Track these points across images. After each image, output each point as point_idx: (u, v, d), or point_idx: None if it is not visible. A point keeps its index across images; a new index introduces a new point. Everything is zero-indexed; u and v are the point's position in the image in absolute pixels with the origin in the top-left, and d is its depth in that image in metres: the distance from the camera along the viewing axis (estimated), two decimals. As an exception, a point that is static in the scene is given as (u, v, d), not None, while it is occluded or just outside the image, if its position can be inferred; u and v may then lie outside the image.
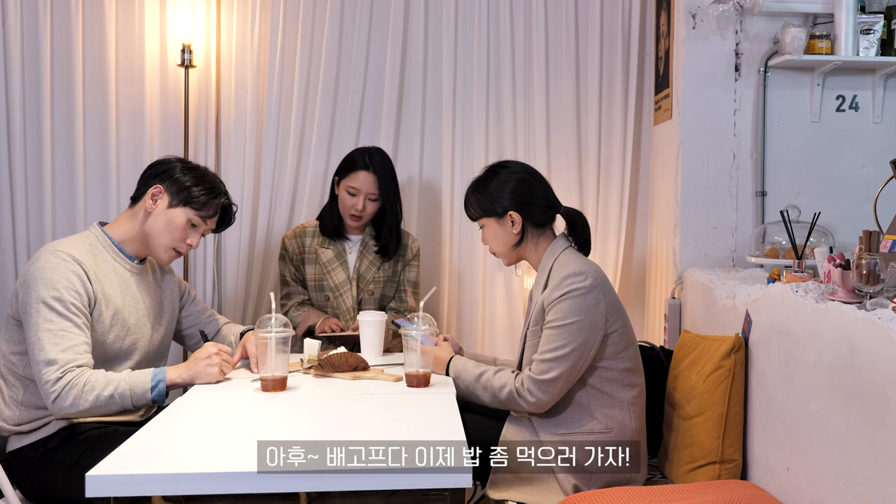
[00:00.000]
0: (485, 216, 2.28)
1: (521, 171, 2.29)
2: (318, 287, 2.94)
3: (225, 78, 3.35)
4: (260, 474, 1.51)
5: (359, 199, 2.85)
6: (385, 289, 2.98)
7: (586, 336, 2.10)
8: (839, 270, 1.90)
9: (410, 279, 3.02)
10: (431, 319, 2.22)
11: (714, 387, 2.19)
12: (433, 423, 1.85)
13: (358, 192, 2.85)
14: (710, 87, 2.93)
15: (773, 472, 2.02)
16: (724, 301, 2.44)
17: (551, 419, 2.16)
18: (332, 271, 2.93)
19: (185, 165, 2.28)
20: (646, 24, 3.40)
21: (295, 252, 2.97)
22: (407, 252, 3.01)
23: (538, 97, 3.39)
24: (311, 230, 2.98)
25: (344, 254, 2.95)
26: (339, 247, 2.96)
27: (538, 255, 2.27)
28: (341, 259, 2.94)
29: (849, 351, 1.64)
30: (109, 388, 2.04)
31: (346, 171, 2.88)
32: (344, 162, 2.92)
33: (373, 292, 2.95)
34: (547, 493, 2.11)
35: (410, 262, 3.02)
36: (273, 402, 2.03)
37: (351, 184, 2.86)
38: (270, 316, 2.11)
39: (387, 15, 3.36)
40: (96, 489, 1.49)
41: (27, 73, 3.25)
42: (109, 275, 2.19)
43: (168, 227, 2.23)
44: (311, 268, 2.95)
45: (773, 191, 2.94)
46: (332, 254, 2.94)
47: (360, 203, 2.85)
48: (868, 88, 2.93)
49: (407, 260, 3.01)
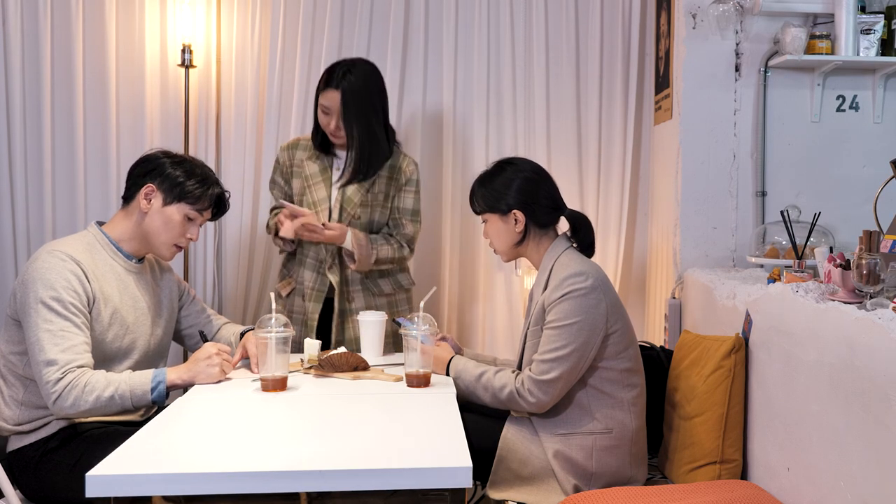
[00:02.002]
0: (489, 211, 2.28)
1: (529, 169, 2.29)
2: (300, 202, 2.77)
3: (225, 78, 3.36)
4: (260, 474, 1.51)
5: (331, 118, 2.68)
6: (375, 214, 2.76)
7: (587, 336, 2.10)
8: (839, 270, 1.90)
9: (406, 206, 2.80)
10: (431, 319, 2.22)
11: (714, 387, 2.19)
12: (433, 423, 1.85)
13: (329, 111, 2.68)
14: (711, 87, 2.93)
15: (774, 472, 2.02)
16: (725, 301, 2.44)
17: (551, 419, 2.16)
18: (313, 186, 2.77)
19: (173, 160, 2.26)
20: (646, 24, 3.40)
21: (286, 164, 2.83)
22: (400, 176, 2.78)
23: (538, 97, 3.39)
24: (305, 143, 2.83)
25: (329, 170, 2.78)
26: (326, 162, 2.79)
27: (539, 255, 2.27)
28: (325, 174, 2.77)
29: (849, 351, 1.64)
30: (110, 389, 2.04)
31: (320, 87, 2.71)
32: (322, 74, 2.74)
33: (359, 217, 2.73)
34: (547, 493, 2.11)
35: (405, 186, 2.79)
36: (273, 402, 2.03)
37: (322, 101, 2.69)
38: (270, 316, 2.11)
39: (387, 15, 3.36)
40: (96, 489, 1.49)
41: (27, 73, 3.25)
42: (107, 274, 2.19)
43: (166, 225, 2.23)
44: (297, 181, 2.80)
45: (773, 191, 2.94)
46: (316, 168, 2.78)
47: (332, 122, 2.68)
48: (868, 88, 2.93)
49: (400, 184, 2.78)
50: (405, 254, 2.80)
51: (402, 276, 2.88)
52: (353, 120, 2.67)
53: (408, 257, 2.84)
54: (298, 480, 1.53)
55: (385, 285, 2.82)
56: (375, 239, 2.74)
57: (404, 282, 2.88)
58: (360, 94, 2.66)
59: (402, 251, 2.78)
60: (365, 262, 2.70)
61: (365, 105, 2.68)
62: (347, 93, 2.64)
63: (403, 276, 2.89)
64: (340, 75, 2.66)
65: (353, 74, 2.67)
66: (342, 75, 2.66)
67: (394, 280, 2.85)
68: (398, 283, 2.86)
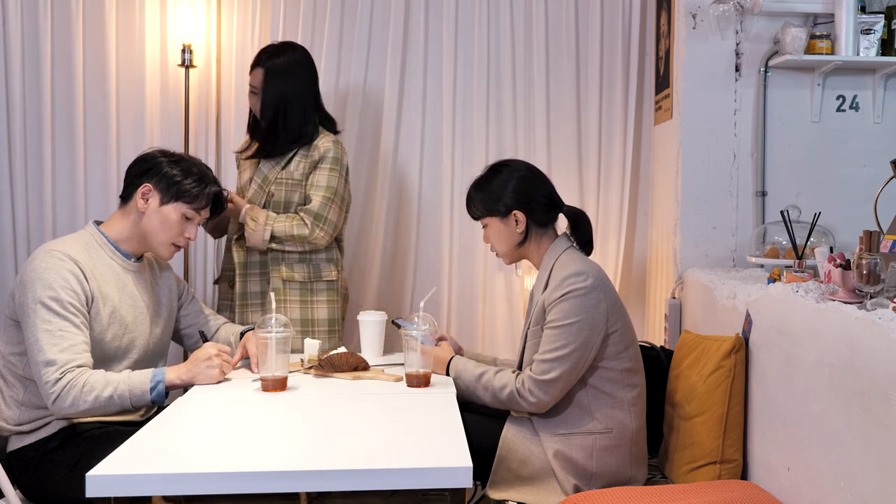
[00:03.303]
0: (488, 215, 2.28)
1: (524, 169, 2.29)
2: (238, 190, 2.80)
3: (225, 78, 3.36)
4: (260, 474, 1.51)
5: (257, 97, 2.70)
6: (293, 195, 2.70)
7: (587, 336, 2.10)
8: (839, 270, 1.90)
9: (318, 183, 2.68)
10: (432, 319, 2.22)
11: (714, 387, 2.19)
12: (433, 423, 1.85)
13: (255, 90, 2.71)
14: (711, 87, 2.93)
15: (774, 472, 2.02)
16: (725, 301, 2.44)
17: (551, 419, 2.16)
18: (242, 172, 2.82)
19: (170, 159, 2.26)
20: (646, 24, 3.40)
21: (239, 161, 2.89)
22: (314, 152, 2.70)
23: (538, 97, 3.39)
24: None
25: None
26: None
27: (540, 255, 2.27)
28: (254, 160, 2.77)
29: (849, 351, 1.64)
30: (108, 389, 2.04)
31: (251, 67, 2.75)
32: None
33: (272, 194, 2.69)
34: (547, 493, 2.11)
35: (319, 164, 2.70)
36: (273, 402, 2.03)
37: (250, 81, 2.72)
38: (270, 316, 2.11)
39: (387, 15, 3.36)
40: (96, 489, 1.48)
41: (28, 73, 3.25)
42: (106, 273, 2.19)
43: (164, 224, 2.23)
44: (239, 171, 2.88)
45: (773, 191, 2.94)
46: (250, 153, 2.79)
47: (257, 102, 2.71)
48: (868, 88, 2.93)
49: (313, 161, 2.70)
50: (305, 232, 2.65)
51: (324, 266, 2.75)
52: (270, 97, 2.67)
53: (310, 236, 2.66)
54: (298, 480, 1.53)
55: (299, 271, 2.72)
56: (274, 216, 2.68)
57: (325, 272, 2.75)
58: (281, 73, 2.68)
59: (302, 228, 2.65)
60: (258, 238, 2.65)
61: (285, 84, 2.68)
62: (268, 69, 2.68)
63: (326, 266, 2.75)
64: (266, 56, 2.72)
65: (280, 56, 2.71)
66: (268, 56, 2.71)
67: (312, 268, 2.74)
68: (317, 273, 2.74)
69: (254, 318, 2.69)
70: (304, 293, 2.74)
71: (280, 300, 2.68)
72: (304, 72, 2.75)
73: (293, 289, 2.73)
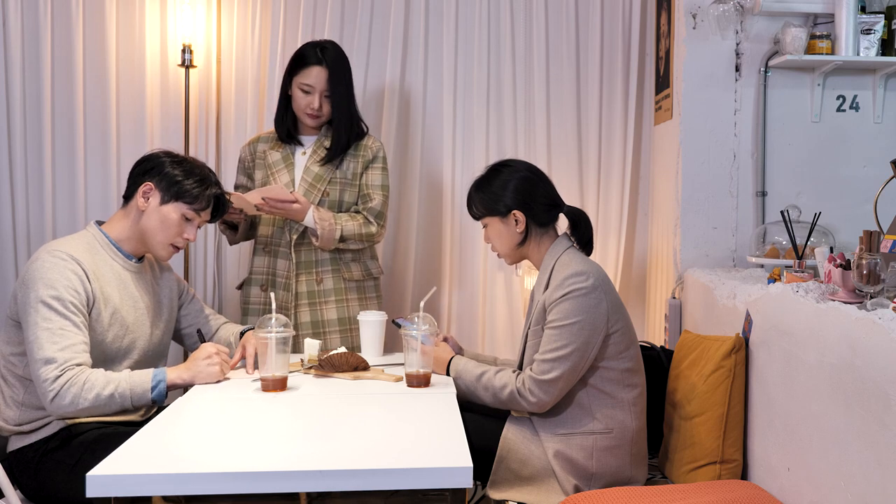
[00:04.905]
0: (488, 215, 2.28)
1: (524, 169, 2.29)
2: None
3: (225, 78, 3.36)
4: (260, 474, 1.51)
5: (314, 96, 2.67)
6: (344, 194, 2.75)
7: (587, 336, 2.10)
8: (840, 270, 1.90)
9: (374, 182, 2.77)
10: (432, 319, 2.22)
11: (714, 387, 2.19)
12: (433, 423, 1.85)
13: (312, 90, 2.67)
14: (711, 87, 2.93)
15: (774, 473, 2.02)
16: (725, 301, 2.44)
17: (552, 419, 2.16)
18: (276, 173, 2.76)
19: (172, 159, 2.26)
20: (646, 24, 3.40)
21: (247, 159, 2.85)
22: (367, 152, 2.77)
23: (538, 97, 3.39)
24: (267, 136, 2.84)
25: (292, 156, 2.78)
26: (289, 150, 2.79)
27: (540, 255, 2.27)
28: (287, 161, 2.77)
29: (849, 351, 1.64)
30: (109, 388, 2.04)
31: (298, 67, 2.69)
32: (294, 57, 2.74)
33: (328, 193, 2.72)
34: (547, 493, 2.11)
35: (371, 163, 2.77)
36: (273, 402, 2.03)
37: (303, 80, 2.67)
38: (270, 316, 2.11)
39: (387, 15, 3.36)
40: (97, 489, 1.49)
41: (28, 73, 3.25)
42: (107, 274, 2.19)
43: (163, 224, 2.23)
44: (260, 172, 2.81)
45: (773, 191, 2.94)
46: (279, 156, 2.78)
47: (315, 101, 2.68)
48: (868, 88, 2.93)
49: (367, 161, 2.77)
50: (373, 230, 2.73)
51: (371, 263, 2.85)
52: (336, 94, 2.68)
53: (376, 234, 2.75)
54: (298, 480, 1.52)
55: (355, 270, 2.80)
56: (340, 216, 2.71)
57: (373, 269, 2.85)
58: (340, 69, 2.69)
59: (368, 227, 2.73)
60: (329, 238, 2.66)
61: (344, 80, 2.71)
62: (332, 67, 2.66)
63: (373, 262, 2.87)
64: (320, 53, 2.68)
65: (334, 50, 2.70)
66: (322, 52, 2.68)
67: (364, 266, 2.82)
68: (367, 270, 2.83)
69: (329, 315, 2.72)
70: (360, 290, 2.82)
71: (342, 299, 2.74)
72: (348, 66, 2.77)
73: (351, 288, 2.79)
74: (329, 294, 2.75)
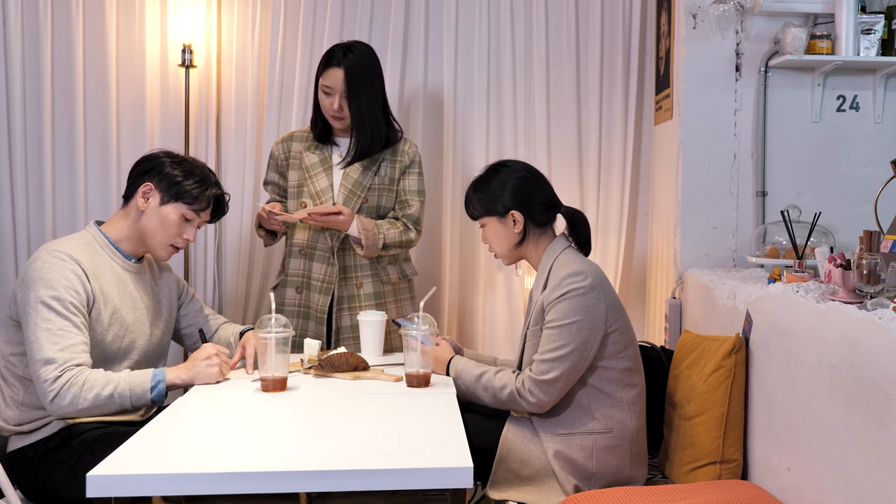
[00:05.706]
0: (486, 215, 2.28)
1: (522, 169, 2.29)
2: (298, 193, 2.77)
3: (225, 78, 3.36)
4: (260, 474, 1.51)
5: (334, 98, 2.66)
6: (382, 199, 2.76)
7: (586, 336, 2.10)
8: (840, 270, 1.90)
9: (411, 188, 2.78)
10: (431, 319, 2.22)
11: (715, 387, 2.19)
12: (433, 423, 1.85)
13: (332, 91, 2.67)
14: (711, 87, 2.93)
15: (774, 473, 2.02)
16: (725, 301, 2.44)
17: (551, 419, 2.16)
18: (314, 176, 2.74)
19: (173, 160, 2.25)
20: (646, 24, 3.40)
21: (280, 157, 2.82)
22: (404, 158, 2.78)
23: (538, 97, 3.39)
24: (301, 135, 2.82)
25: (329, 159, 2.77)
26: (326, 152, 2.77)
27: (538, 255, 2.27)
28: (325, 165, 2.75)
29: (849, 351, 1.64)
30: (109, 388, 2.04)
31: (322, 68, 2.70)
32: (322, 57, 2.75)
33: (367, 200, 2.72)
34: (547, 493, 2.11)
35: (409, 168, 2.78)
36: (273, 402, 2.03)
37: (324, 82, 2.68)
38: (270, 316, 2.11)
39: (387, 15, 3.36)
40: (97, 489, 1.49)
41: (28, 73, 3.25)
42: (107, 274, 2.19)
43: (162, 224, 2.22)
44: (294, 173, 2.78)
45: (773, 191, 2.94)
46: (316, 158, 2.76)
47: (335, 102, 2.66)
48: (868, 88, 2.93)
49: (404, 166, 2.78)
50: (412, 236, 2.77)
51: (406, 265, 2.88)
52: (355, 96, 2.67)
53: (415, 239, 2.79)
54: (298, 480, 1.52)
55: (392, 273, 2.82)
56: (381, 224, 2.72)
57: (408, 271, 2.88)
58: (360, 71, 2.68)
59: (408, 233, 2.75)
60: (373, 246, 2.68)
61: (366, 82, 2.68)
62: (349, 69, 2.66)
63: (408, 265, 2.89)
64: (341, 54, 2.68)
65: (354, 53, 2.69)
66: (343, 54, 2.68)
67: (399, 269, 2.84)
68: (403, 273, 2.86)
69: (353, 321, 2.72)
70: (396, 293, 2.84)
71: (381, 303, 2.76)
72: (376, 67, 2.75)
73: (388, 291, 2.81)
74: (369, 298, 2.76)
